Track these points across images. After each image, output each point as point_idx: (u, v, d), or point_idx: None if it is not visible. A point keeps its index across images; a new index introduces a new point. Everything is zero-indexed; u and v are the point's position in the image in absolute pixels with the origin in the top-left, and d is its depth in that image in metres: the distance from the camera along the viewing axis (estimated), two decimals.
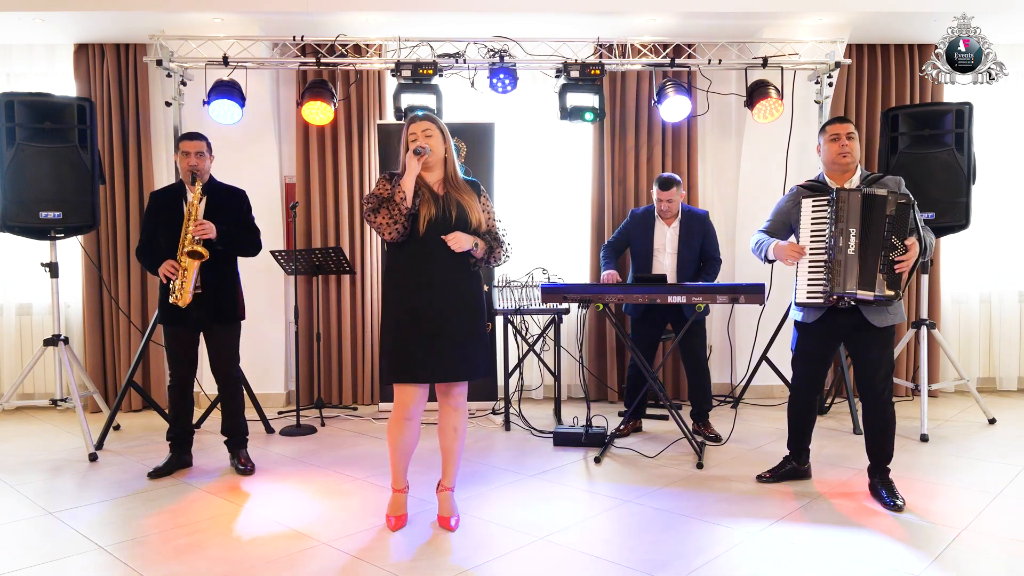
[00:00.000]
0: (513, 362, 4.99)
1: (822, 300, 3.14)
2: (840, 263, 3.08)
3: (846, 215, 3.07)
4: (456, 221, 2.91)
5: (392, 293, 2.94)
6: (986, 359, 5.79)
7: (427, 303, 2.87)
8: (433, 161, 2.95)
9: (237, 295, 3.85)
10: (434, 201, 2.91)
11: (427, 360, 2.85)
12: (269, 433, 4.66)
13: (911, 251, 3.00)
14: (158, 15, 4.77)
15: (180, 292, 3.58)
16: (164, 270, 3.59)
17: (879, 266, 3.02)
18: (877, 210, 3.03)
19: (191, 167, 3.69)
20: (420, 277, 2.88)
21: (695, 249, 4.41)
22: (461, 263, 2.93)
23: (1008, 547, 2.76)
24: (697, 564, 2.64)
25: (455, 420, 3.00)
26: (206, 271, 3.65)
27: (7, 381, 5.36)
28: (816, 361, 3.36)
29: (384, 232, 2.83)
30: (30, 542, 2.93)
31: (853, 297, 3.07)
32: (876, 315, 3.13)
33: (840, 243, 3.08)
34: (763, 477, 3.56)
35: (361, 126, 5.41)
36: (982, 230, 5.38)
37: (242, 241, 3.78)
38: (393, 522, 3.02)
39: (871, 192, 3.07)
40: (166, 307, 3.68)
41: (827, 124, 3.35)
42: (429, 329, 2.86)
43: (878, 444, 3.27)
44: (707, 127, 5.64)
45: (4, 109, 4.16)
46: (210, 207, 3.72)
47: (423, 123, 2.95)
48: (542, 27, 4.97)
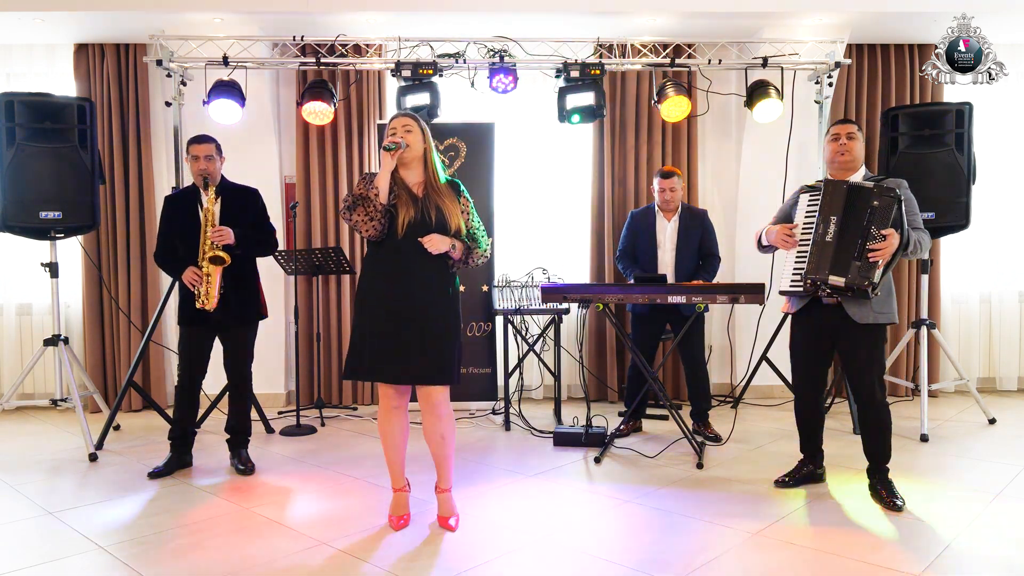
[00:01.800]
0: (513, 362, 4.99)
1: (801, 287, 3.17)
2: (818, 248, 3.12)
3: (830, 204, 3.14)
4: (435, 225, 2.89)
5: (364, 291, 2.94)
6: (986, 359, 5.79)
7: (401, 304, 2.86)
8: (410, 158, 2.93)
9: (259, 295, 3.88)
10: (413, 203, 2.89)
11: (398, 360, 2.85)
12: (269, 433, 4.66)
13: (889, 240, 3.00)
14: (158, 15, 4.77)
15: (206, 298, 3.60)
16: (188, 279, 3.62)
17: (855, 253, 3.04)
18: (861, 201, 3.07)
19: (201, 171, 3.70)
20: (396, 278, 2.88)
21: (694, 245, 4.42)
22: (438, 265, 2.92)
23: (1008, 547, 2.76)
24: (697, 564, 2.64)
25: (441, 428, 2.95)
26: (227, 273, 3.67)
27: (7, 381, 5.36)
28: (808, 355, 3.36)
29: (361, 229, 2.85)
30: (30, 542, 2.93)
31: (825, 282, 3.08)
32: (857, 309, 3.13)
33: (821, 230, 3.13)
34: (782, 481, 3.49)
35: (361, 126, 5.41)
36: (982, 230, 5.37)
37: (260, 242, 3.81)
38: (396, 522, 3.03)
39: (858, 184, 3.12)
40: (189, 309, 3.69)
41: (831, 124, 3.40)
42: (400, 330, 2.85)
43: (874, 445, 3.26)
44: (707, 127, 5.64)
45: (4, 109, 4.16)
46: (225, 209, 3.73)
47: (404, 119, 2.95)
48: (542, 27, 4.97)
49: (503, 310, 4.72)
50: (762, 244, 3.44)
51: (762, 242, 3.42)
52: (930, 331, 4.65)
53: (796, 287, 3.19)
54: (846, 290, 3.07)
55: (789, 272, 3.24)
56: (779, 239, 3.26)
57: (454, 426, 3.02)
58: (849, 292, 3.07)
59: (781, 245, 3.27)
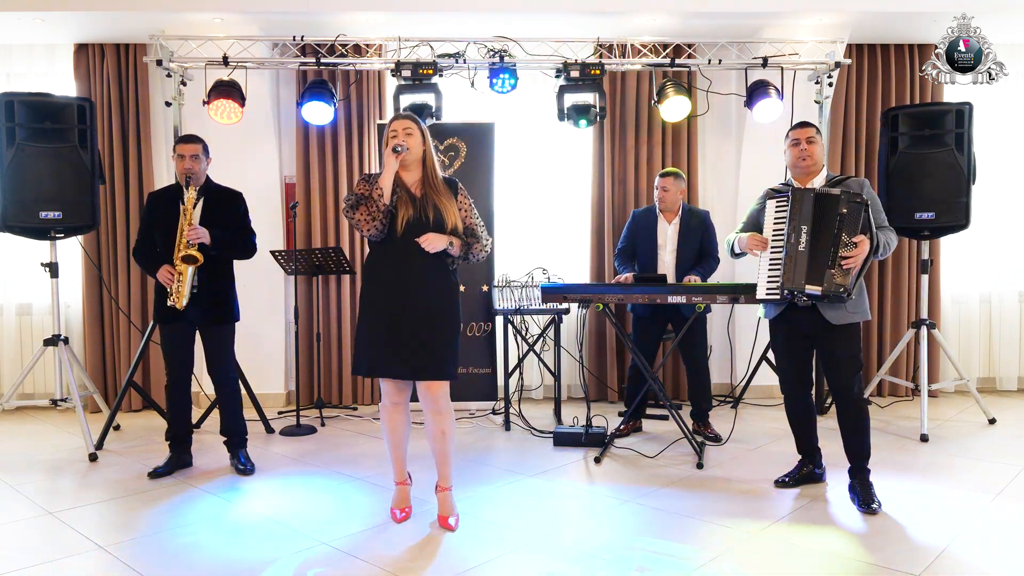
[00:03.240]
0: (513, 362, 4.99)
1: (778, 296, 3.21)
2: (792, 259, 3.15)
3: (799, 213, 3.16)
4: (433, 223, 2.95)
5: (368, 289, 3.01)
6: (986, 359, 5.79)
7: (401, 301, 2.93)
8: (410, 160, 2.98)
9: (232, 296, 3.86)
10: (411, 202, 2.97)
11: (396, 356, 2.91)
12: (269, 433, 4.66)
13: (860, 247, 3.06)
14: (158, 15, 4.77)
15: (177, 296, 3.62)
16: (162, 277, 3.64)
17: (828, 261, 3.08)
18: (830, 208, 3.11)
19: (186, 170, 3.70)
20: (397, 276, 2.94)
21: (694, 246, 4.43)
22: (438, 263, 2.98)
23: (1008, 547, 2.77)
24: (697, 564, 2.65)
25: (442, 424, 3.00)
26: (201, 271, 3.67)
27: (7, 381, 5.36)
28: (790, 357, 3.41)
29: (363, 228, 2.91)
30: (30, 542, 2.93)
31: (802, 291, 3.13)
32: (832, 312, 3.19)
33: (793, 240, 3.16)
34: (782, 481, 3.50)
35: (361, 126, 5.41)
36: (982, 230, 5.37)
37: (236, 245, 3.79)
38: (399, 515, 3.07)
39: (825, 191, 3.15)
40: (162, 306, 3.70)
41: (790, 129, 3.44)
42: (401, 327, 2.92)
43: (852, 443, 3.27)
44: (707, 127, 5.64)
45: (4, 109, 4.15)
46: (207, 209, 3.73)
47: (404, 122, 3.01)
48: (542, 27, 4.97)
49: (503, 310, 4.72)
50: (735, 251, 3.51)
51: (735, 249, 3.50)
52: (930, 331, 4.65)
53: (773, 295, 3.24)
54: (822, 298, 3.13)
55: (764, 280, 3.29)
56: (750, 246, 3.35)
57: (454, 423, 3.06)
58: (825, 299, 3.13)
59: (753, 252, 3.37)
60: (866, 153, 5.46)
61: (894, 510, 3.14)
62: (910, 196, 4.50)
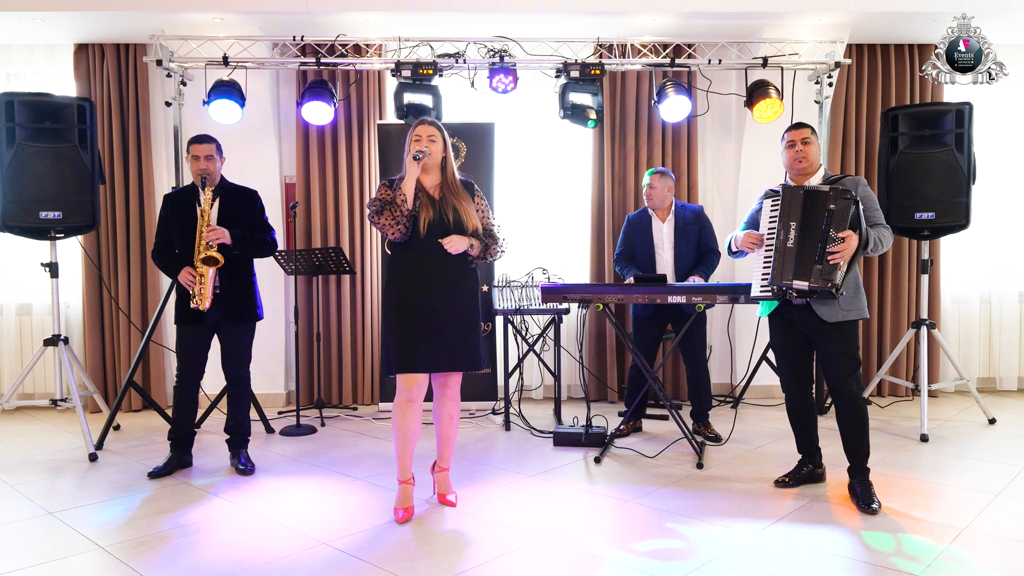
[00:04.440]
0: (513, 362, 4.99)
1: (770, 293, 3.23)
2: (781, 254, 3.18)
3: (789, 211, 3.19)
4: (453, 225, 3.10)
5: (394, 290, 3.12)
6: (986, 359, 5.79)
7: (428, 300, 3.07)
8: (430, 164, 3.15)
9: (254, 295, 3.88)
10: (432, 205, 3.11)
11: (428, 352, 3.05)
12: (269, 433, 4.66)
13: (847, 243, 3.07)
14: (158, 15, 4.77)
15: (200, 298, 3.62)
16: (183, 280, 3.65)
17: (815, 257, 3.10)
18: (818, 205, 3.12)
19: (201, 171, 3.70)
20: (421, 276, 3.09)
21: (692, 243, 4.42)
22: (459, 262, 3.13)
23: (1008, 547, 2.77)
24: (697, 564, 2.65)
25: (452, 408, 3.24)
26: (223, 272, 3.69)
27: (7, 381, 5.37)
28: (789, 355, 3.42)
29: (388, 232, 3.04)
30: (30, 542, 2.93)
31: (790, 287, 3.15)
32: (826, 309, 3.19)
33: (783, 236, 3.19)
34: (782, 481, 3.50)
35: (361, 126, 5.41)
36: (982, 230, 5.38)
37: (256, 243, 3.80)
38: (401, 514, 3.09)
39: (814, 188, 3.17)
40: (185, 308, 3.70)
41: (785, 131, 3.45)
42: (430, 324, 3.05)
43: (851, 442, 3.27)
44: (707, 127, 5.64)
45: (4, 109, 4.16)
46: (223, 209, 3.74)
47: (429, 128, 3.14)
48: (542, 27, 4.97)
49: (503, 310, 4.71)
50: (731, 250, 3.54)
51: (732, 248, 3.53)
52: (930, 331, 4.65)
53: (765, 292, 3.26)
54: (811, 292, 3.14)
55: (758, 278, 3.30)
56: (745, 245, 3.38)
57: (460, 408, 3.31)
58: (814, 294, 3.15)
59: (748, 250, 3.38)
60: (866, 153, 5.46)
61: (894, 510, 3.14)
62: (910, 196, 4.50)
